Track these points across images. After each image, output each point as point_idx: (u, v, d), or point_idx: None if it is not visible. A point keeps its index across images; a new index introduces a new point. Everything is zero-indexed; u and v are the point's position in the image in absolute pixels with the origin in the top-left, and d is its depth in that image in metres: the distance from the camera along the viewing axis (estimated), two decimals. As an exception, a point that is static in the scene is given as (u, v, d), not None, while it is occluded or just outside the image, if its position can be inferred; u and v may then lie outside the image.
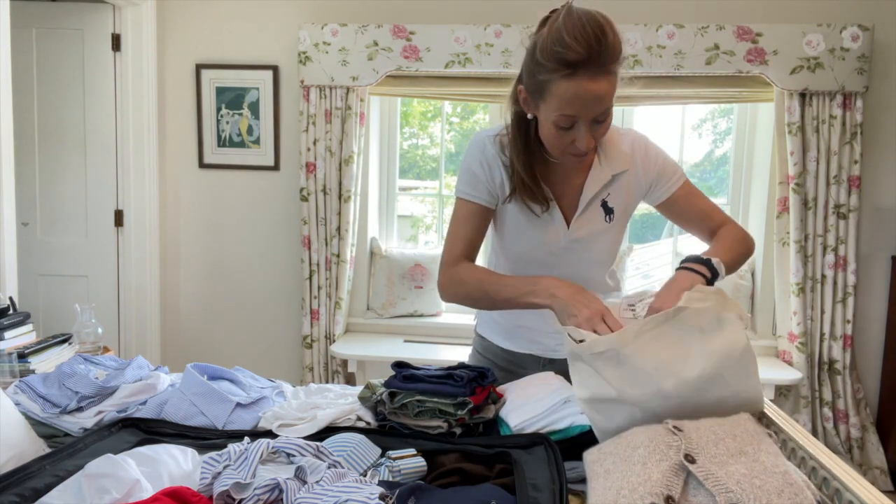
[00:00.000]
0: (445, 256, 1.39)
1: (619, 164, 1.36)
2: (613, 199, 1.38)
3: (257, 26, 3.14)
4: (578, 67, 1.11)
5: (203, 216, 3.30)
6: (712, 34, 2.76)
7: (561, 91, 1.15)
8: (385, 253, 3.24)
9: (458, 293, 1.37)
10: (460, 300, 1.39)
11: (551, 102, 1.18)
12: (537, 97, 1.21)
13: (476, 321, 1.64)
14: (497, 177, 1.35)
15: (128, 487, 0.91)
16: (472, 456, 1.09)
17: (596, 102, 1.16)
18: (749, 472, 0.85)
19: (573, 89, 1.14)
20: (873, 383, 2.97)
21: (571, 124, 1.19)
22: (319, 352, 3.13)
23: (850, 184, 2.78)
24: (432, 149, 3.57)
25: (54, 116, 3.19)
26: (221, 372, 1.41)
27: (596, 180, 1.36)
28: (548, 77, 1.15)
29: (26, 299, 2.90)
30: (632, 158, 1.37)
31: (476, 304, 1.38)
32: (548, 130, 1.23)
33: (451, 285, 1.37)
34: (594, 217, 1.38)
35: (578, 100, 1.15)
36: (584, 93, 1.14)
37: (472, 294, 1.35)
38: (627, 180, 1.38)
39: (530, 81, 1.21)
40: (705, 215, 1.39)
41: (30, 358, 1.83)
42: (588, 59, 1.11)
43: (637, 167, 1.37)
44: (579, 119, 1.18)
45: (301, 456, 1.02)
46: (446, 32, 2.88)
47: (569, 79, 1.13)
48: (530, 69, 1.20)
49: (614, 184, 1.37)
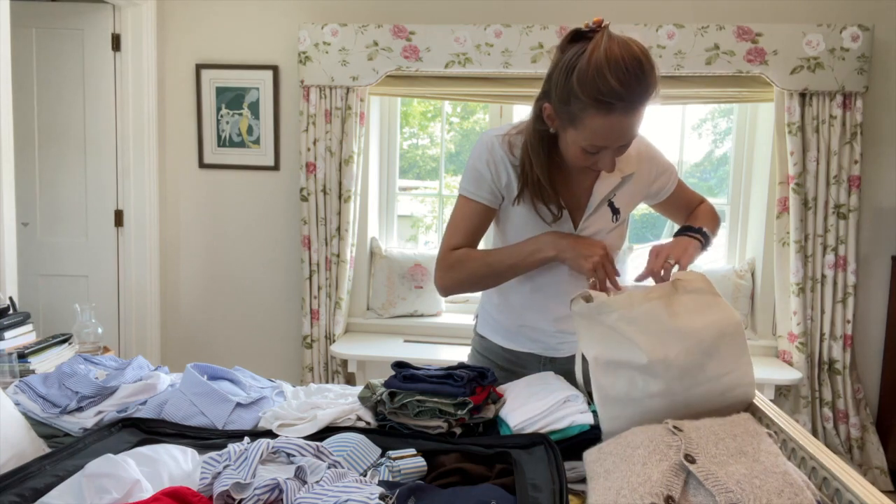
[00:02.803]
0: (442, 250, 1.39)
1: (627, 167, 1.39)
2: (619, 200, 1.42)
3: (257, 26, 3.15)
4: (616, 107, 1.13)
5: (203, 216, 3.30)
6: (712, 34, 2.76)
7: (595, 125, 1.17)
8: (385, 253, 3.24)
9: (457, 278, 1.37)
10: (461, 284, 1.38)
11: (582, 132, 1.20)
12: (566, 122, 1.22)
13: (476, 322, 1.64)
14: (503, 177, 1.36)
15: (128, 487, 0.91)
16: (472, 456, 1.09)
17: (627, 135, 1.20)
18: (749, 472, 0.85)
19: (608, 125, 1.16)
20: (873, 383, 2.96)
21: (598, 150, 1.22)
22: (319, 352, 3.13)
23: (850, 184, 2.78)
24: (432, 149, 3.56)
25: (54, 116, 3.19)
26: (221, 372, 1.41)
27: (606, 184, 1.39)
28: (582, 111, 1.16)
29: (26, 299, 2.90)
30: (638, 162, 1.41)
31: (479, 282, 1.37)
32: (573, 152, 1.26)
33: (449, 271, 1.37)
34: (602, 217, 1.41)
35: (612, 134, 1.18)
36: (618, 128, 1.17)
37: (474, 272, 1.35)
38: (633, 182, 1.42)
39: (561, 107, 1.21)
40: (690, 203, 1.54)
41: (30, 358, 1.83)
42: (626, 98, 1.12)
43: (643, 170, 1.42)
44: (607, 148, 1.22)
45: (301, 456, 1.02)
46: (446, 32, 2.88)
47: (605, 115, 1.15)
48: (563, 95, 1.18)
49: (621, 186, 1.41)
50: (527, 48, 2.85)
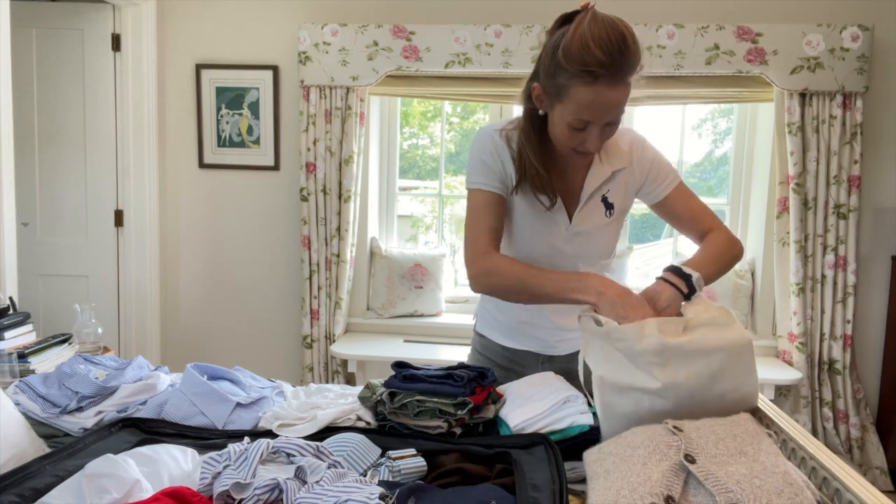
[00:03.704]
0: (473, 247, 1.36)
1: (618, 161, 1.40)
2: (613, 195, 1.43)
3: (257, 26, 3.15)
4: (600, 76, 1.15)
5: (203, 216, 3.30)
6: (712, 34, 2.76)
7: (580, 97, 1.18)
8: (385, 253, 3.24)
9: (493, 284, 1.35)
10: (494, 291, 1.37)
11: (568, 106, 1.21)
12: (554, 98, 1.24)
13: (475, 320, 1.65)
14: (508, 167, 1.38)
15: (128, 487, 0.91)
16: (472, 456, 1.09)
17: (612, 109, 1.20)
18: (749, 472, 0.85)
19: (592, 96, 1.17)
20: (873, 383, 2.96)
21: (585, 126, 1.23)
22: (319, 352, 3.13)
23: (850, 184, 2.78)
24: (432, 149, 3.56)
25: (54, 116, 3.19)
26: (221, 372, 1.41)
27: (596, 176, 1.39)
28: (567, 81, 1.18)
29: (26, 299, 2.91)
30: (630, 156, 1.41)
31: (513, 296, 1.36)
32: (560, 130, 1.27)
33: (486, 276, 1.34)
34: (595, 212, 1.42)
35: (596, 106, 1.19)
36: (602, 100, 1.18)
37: (510, 287, 1.32)
38: (625, 177, 1.42)
39: (548, 82, 1.23)
40: (697, 217, 1.44)
41: (30, 358, 1.83)
42: (610, 68, 1.14)
43: (634, 165, 1.42)
44: (593, 123, 1.22)
45: (301, 456, 1.02)
46: (446, 32, 2.88)
47: (589, 86, 1.16)
48: (549, 70, 1.22)
49: (613, 180, 1.41)
50: (527, 48, 2.85)
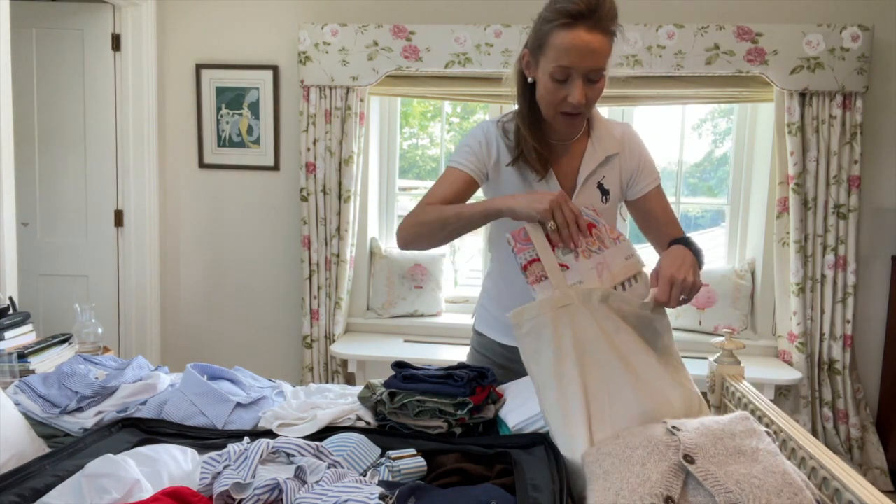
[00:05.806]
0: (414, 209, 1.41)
1: (611, 146, 1.45)
2: (608, 181, 1.47)
3: (257, 26, 3.14)
4: (577, 19, 1.22)
5: (203, 216, 3.30)
6: (712, 34, 2.76)
7: (559, 41, 1.25)
8: (385, 253, 3.24)
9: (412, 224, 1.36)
10: (416, 235, 1.37)
11: (549, 54, 1.27)
12: (538, 52, 1.30)
13: (475, 318, 1.65)
14: (493, 154, 1.43)
15: (128, 487, 0.91)
16: (472, 456, 1.09)
17: (591, 55, 1.24)
18: (748, 472, 0.85)
19: (570, 39, 1.23)
20: (873, 383, 2.96)
21: (566, 77, 1.27)
22: (319, 352, 3.13)
23: (850, 184, 2.78)
24: (432, 149, 3.56)
25: (54, 116, 3.19)
26: (221, 372, 1.41)
27: (590, 160, 1.44)
28: (548, 28, 1.26)
29: (26, 299, 2.90)
30: (622, 143, 1.46)
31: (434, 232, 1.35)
32: (544, 86, 1.31)
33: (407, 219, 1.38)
34: (591, 197, 1.45)
35: (575, 50, 1.24)
36: (580, 43, 1.23)
37: (427, 221, 1.34)
38: (618, 163, 1.47)
39: (533, 38, 1.31)
40: (672, 220, 1.48)
41: (30, 358, 1.83)
42: (587, 12, 1.22)
43: (626, 152, 1.47)
44: (574, 71, 1.26)
45: (301, 456, 1.02)
46: (446, 32, 2.88)
47: (567, 28, 1.23)
48: (535, 28, 1.31)
49: (607, 165, 1.45)
50: (527, 48, 2.85)
